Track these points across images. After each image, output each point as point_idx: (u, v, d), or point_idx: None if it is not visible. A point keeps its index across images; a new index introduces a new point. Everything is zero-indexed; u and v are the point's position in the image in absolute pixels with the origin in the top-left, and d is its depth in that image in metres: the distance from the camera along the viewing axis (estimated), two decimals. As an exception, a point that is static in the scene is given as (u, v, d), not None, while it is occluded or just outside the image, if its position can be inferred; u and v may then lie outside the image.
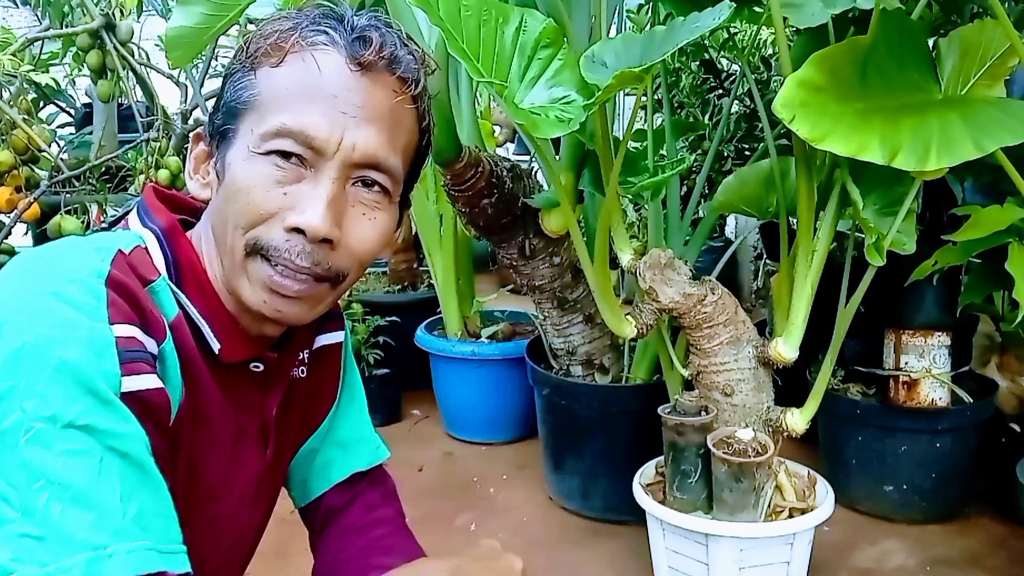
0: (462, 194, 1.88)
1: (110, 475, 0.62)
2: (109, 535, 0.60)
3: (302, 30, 0.75)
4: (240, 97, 0.76)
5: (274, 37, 0.76)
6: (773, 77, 2.70)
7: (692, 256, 1.91)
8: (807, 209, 1.50)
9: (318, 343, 0.93)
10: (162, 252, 0.77)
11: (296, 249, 0.74)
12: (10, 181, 2.41)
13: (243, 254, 0.75)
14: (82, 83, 4.04)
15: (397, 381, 2.72)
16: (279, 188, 0.74)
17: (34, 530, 0.59)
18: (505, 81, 1.39)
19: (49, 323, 0.64)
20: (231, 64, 0.79)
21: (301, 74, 0.74)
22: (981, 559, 1.94)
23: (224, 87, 0.79)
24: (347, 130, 0.74)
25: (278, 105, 0.74)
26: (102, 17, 2.65)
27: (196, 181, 0.81)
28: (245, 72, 0.77)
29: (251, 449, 0.84)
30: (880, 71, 1.35)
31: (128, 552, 0.61)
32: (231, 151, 0.76)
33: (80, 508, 0.60)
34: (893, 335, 2.01)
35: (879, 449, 2.05)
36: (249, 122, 0.75)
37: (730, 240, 3.68)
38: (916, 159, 1.20)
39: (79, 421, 0.62)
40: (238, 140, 0.76)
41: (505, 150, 4.68)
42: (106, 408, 0.63)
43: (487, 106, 3.31)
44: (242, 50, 0.78)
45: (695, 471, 1.61)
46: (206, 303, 0.78)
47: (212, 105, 0.82)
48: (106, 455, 0.62)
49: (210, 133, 0.80)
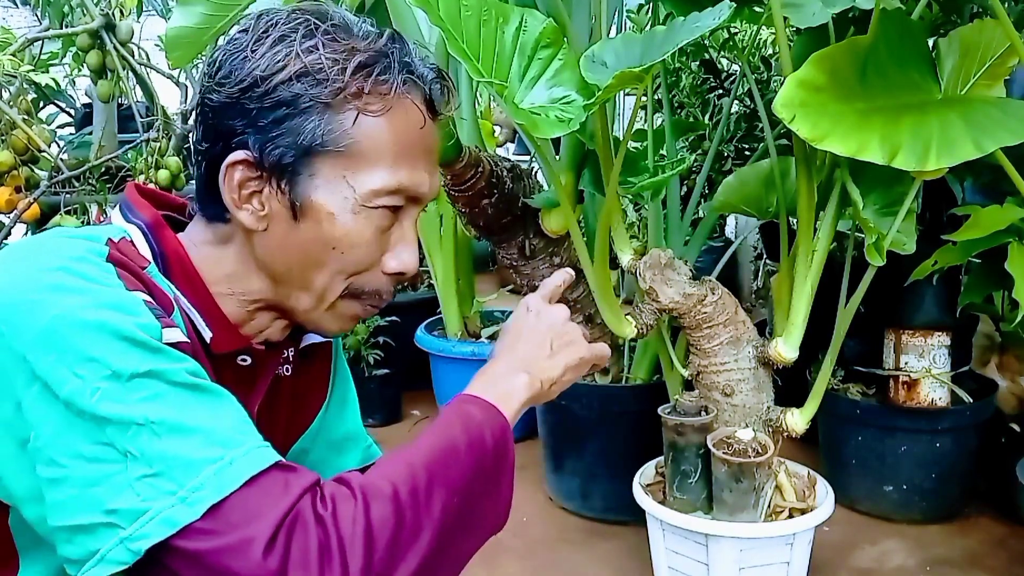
0: (462, 194, 1.88)
1: (191, 404, 0.65)
2: (221, 447, 0.63)
3: (394, 74, 0.75)
4: (330, 140, 0.73)
5: (369, 81, 0.73)
6: (773, 77, 2.70)
7: (692, 256, 1.91)
8: (807, 209, 1.50)
9: (306, 341, 0.93)
10: (148, 245, 0.77)
11: (390, 289, 0.81)
12: (10, 181, 2.41)
13: (339, 296, 0.79)
14: (82, 83, 4.04)
15: (397, 381, 2.72)
16: (383, 236, 0.78)
17: (148, 469, 0.62)
18: (505, 81, 1.39)
19: (70, 294, 0.65)
20: (297, 94, 0.72)
21: (405, 128, 0.75)
22: (981, 559, 1.94)
23: (289, 117, 0.73)
24: (433, 179, 0.79)
25: (385, 159, 0.75)
26: (102, 17, 2.65)
27: (252, 213, 0.76)
28: (334, 112, 0.73)
29: None
30: (880, 71, 1.35)
31: (245, 455, 0.64)
32: (318, 195, 0.74)
33: (182, 435, 0.63)
34: (893, 335, 2.01)
35: (879, 449, 2.05)
36: (340, 168, 0.74)
37: (730, 240, 3.68)
38: (916, 159, 1.20)
39: (140, 369, 0.64)
40: (328, 184, 0.74)
41: (505, 150, 4.68)
42: (158, 354, 0.66)
43: (487, 106, 3.31)
44: (308, 77, 0.72)
45: (695, 471, 1.61)
46: (195, 294, 0.78)
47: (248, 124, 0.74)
48: (177, 390, 0.65)
49: (268, 165, 0.74)
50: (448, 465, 0.70)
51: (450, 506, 0.69)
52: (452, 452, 0.71)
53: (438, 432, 0.74)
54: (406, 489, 0.66)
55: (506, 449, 0.76)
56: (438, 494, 0.68)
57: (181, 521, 0.60)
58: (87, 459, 0.62)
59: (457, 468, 0.71)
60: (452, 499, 0.69)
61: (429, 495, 0.67)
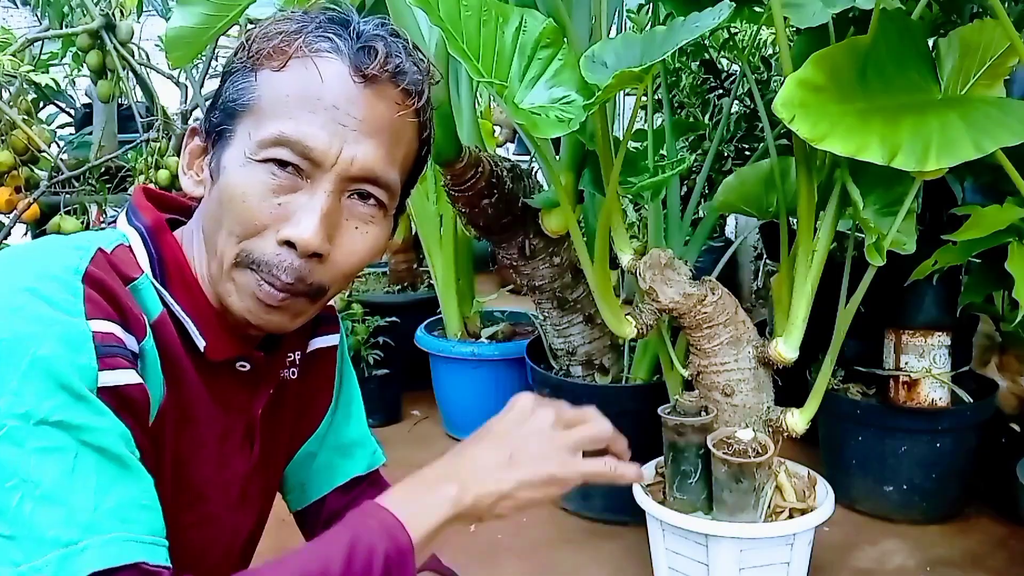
0: (462, 194, 1.88)
1: (85, 470, 0.62)
2: (80, 530, 0.60)
3: (307, 34, 0.74)
4: (239, 98, 0.75)
5: (277, 39, 0.74)
6: (773, 77, 2.70)
7: (692, 256, 1.91)
8: (807, 209, 1.50)
9: (312, 346, 0.93)
10: (146, 250, 0.76)
11: (284, 264, 0.73)
12: (10, 181, 2.41)
13: (232, 263, 0.74)
14: (82, 83, 4.04)
15: (397, 381, 2.72)
16: (274, 198, 0.73)
17: (6, 530, 0.59)
18: (505, 81, 1.39)
19: (24, 320, 0.64)
20: (231, 62, 0.77)
21: (303, 82, 0.73)
22: (981, 559, 1.93)
23: (223, 85, 0.77)
24: (346, 143, 0.73)
25: (278, 112, 0.73)
26: (102, 17, 2.65)
27: (190, 177, 0.80)
28: (246, 72, 0.75)
29: (237, 450, 0.84)
30: (880, 71, 1.35)
31: (102, 545, 0.61)
32: (227, 153, 0.75)
33: (51, 505, 0.60)
34: (893, 335, 2.01)
35: (879, 449, 2.05)
36: (247, 125, 0.74)
37: (730, 240, 3.67)
38: (916, 159, 1.20)
39: (52, 417, 0.62)
40: (235, 143, 0.75)
41: (505, 150, 4.69)
42: (80, 403, 0.63)
43: (487, 106, 3.31)
44: (243, 48, 0.76)
45: (695, 471, 1.61)
46: (192, 301, 0.77)
47: (210, 101, 0.80)
48: (81, 450, 0.62)
49: (206, 130, 0.78)
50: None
51: None
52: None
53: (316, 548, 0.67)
54: None
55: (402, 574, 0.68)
56: None
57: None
58: None
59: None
60: None
61: None
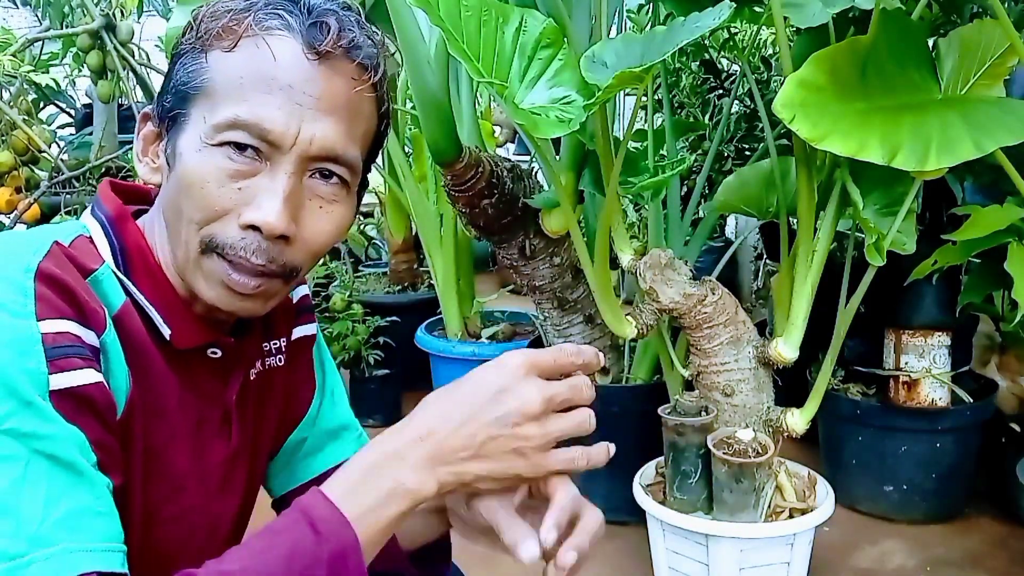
0: (462, 194, 1.88)
1: (35, 479, 0.60)
2: (27, 543, 0.59)
3: (256, 12, 0.72)
4: (191, 81, 0.73)
5: (226, 19, 0.72)
6: (773, 77, 2.70)
7: (692, 256, 1.91)
8: (807, 209, 1.50)
9: (296, 334, 0.93)
10: (107, 240, 0.75)
11: (252, 247, 0.72)
12: (10, 182, 2.41)
13: (198, 250, 0.73)
14: (82, 83, 4.04)
15: (397, 382, 2.72)
16: (233, 183, 0.71)
17: None
18: (505, 81, 1.39)
19: None
20: (179, 43, 0.75)
21: (256, 62, 0.71)
22: (981, 559, 1.94)
23: (173, 67, 0.75)
24: (304, 122, 0.72)
25: (231, 94, 0.71)
26: (102, 17, 2.65)
27: (146, 164, 0.79)
28: (195, 54, 0.73)
29: (214, 437, 0.83)
30: (880, 71, 1.35)
31: (47, 558, 0.59)
32: (182, 138, 0.73)
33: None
34: (893, 335, 2.01)
35: (879, 449, 2.05)
36: (201, 109, 0.72)
37: (730, 240, 3.68)
38: (916, 159, 1.20)
39: (1, 425, 0.60)
40: (189, 127, 0.73)
41: (505, 150, 4.69)
42: (29, 410, 0.62)
43: (487, 106, 3.31)
44: (191, 28, 0.74)
45: (695, 471, 1.61)
46: (156, 289, 0.76)
47: (160, 84, 0.78)
48: (32, 458, 0.61)
49: (159, 115, 0.76)
50: None
51: None
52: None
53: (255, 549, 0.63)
54: None
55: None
56: None
57: None
58: None
59: None
60: None
61: None
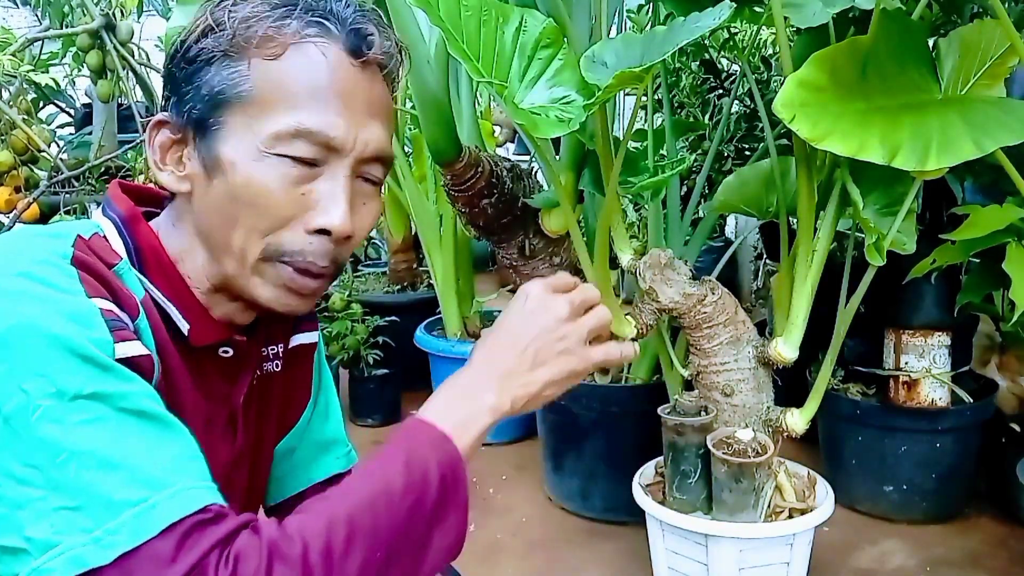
0: (462, 194, 1.88)
1: (130, 434, 0.63)
2: (146, 488, 0.61)
3: (296, 19, 0.73)
4: (228, 88, 0.73)
5: (263, 25, 0.73)
6: (773, 77, 2.70)
7: (692, 256, 1.91)
8: (807, 209, 1.50)
9: (295, 341, 0.94)
10: (121, 239, 0.76)
11: (320, 251, 0.75)
12: (9, 181, 2.41)
13: (258, 258, 0.74)
14: (82, 83, 4.04)
15: (396, 381, 2.72)
16: (296, 189, 0.73)
17: (69, 502, 0.60)
18: (505, 81, 1.39)
19: (29, 302, 0.64)
20: (198, 48, 0.74)
21: (307, 69, 0.73)
22: (981, 559, 1.94)
23: (196, 72, 0.74)
24: (360, 128, 0.75)
25: (286, 102, 0.72)
26: (102, 17, 2.65)
27: (169, 173, 0.77)
28: (231, 61, 0.73)
29: (220, 438, 0.84)
30: (880, 71, 1.35)
31: (170, 498, 0.61)
32: (226, 147, 0.73)
33: (110, 471, 0.61)
34: (893, 335, 2.01)
35: (879, 449, 2.05)
36: (243, 116, 0.73)
37: (730, 240, 3.68)
38: (916, 159, 1.20)
39: (85, 390, 0.62)
40: (233, 136, 0.73)
41: (505, 150, 4.68)
42: (107, 373, 0.64)
43: (487, 106, 3.31)
44: (216, 32, 0.73)
45: (695, 471, 1.61)
46: (171, 287, 0.77)
47: (172, 89, 0.76)
48: (120, 417, 0.63)
49: (182, 122, 0.76)
50: (376, 514, 0.65)
51: (371, 561, 0.64)
52: (383, 497, 0.66)
53: (374, 470, 0.68)
54: (318, 547, 0.62)
55: (456, 486, 0.70)
56: (357, 550, 0.63)
57: (90, 563, 0.58)
58: (17, 480, 0.60)
59: (387, 516, 0.65)
60: (374, 554, 0.64)
61: (345, 554, 0.63)
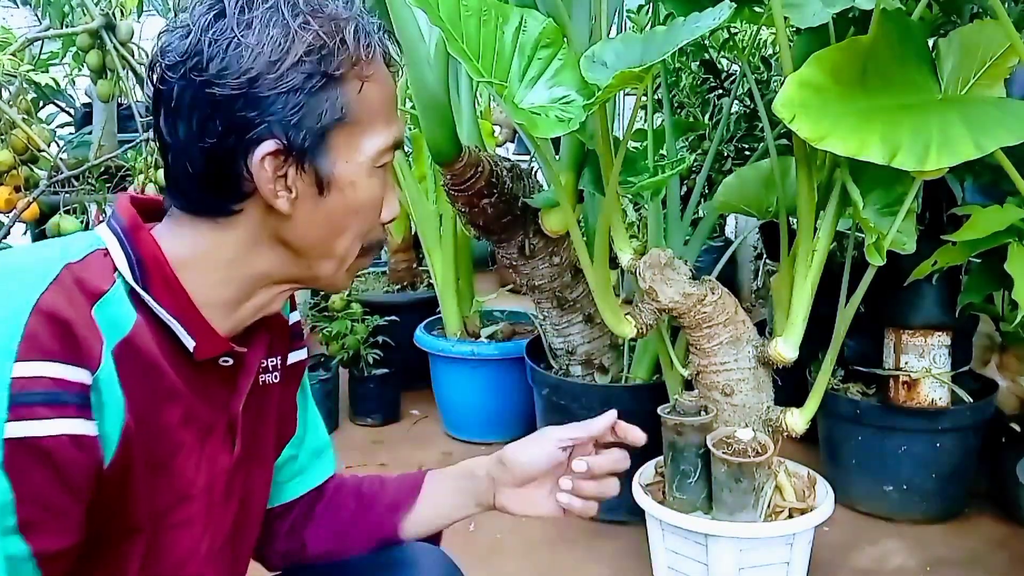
0: (462, 194, 1.88)
1: None
2: None
3: (369, 35, 0.79)
4: (333, 114, 0.76)
5: (345, 50, 0.76)
6: (773, 77, 2.70)
7: (692, 256, 1.91)
8: (807, 209, 1.50)
9: (292, 359, 0.96)
10: (124, 253, 0.76)
11: (385, 237, 0.89)
12: (9, 181, 2.41)
13: (356, 256, 0.84)
14: (82, 83, 4.03)
15: (396, 381, 2.72)
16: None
17: None
18: (505, 81, 1.39)
19: None
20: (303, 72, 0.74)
21: (385, 86, 0.81)
22: (981, 559, 1.94)
23: (303, 99, 0.74)
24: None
25: (382, 118, 0.80)
26: (102, 17, 2.64)
27: (283, 198, 0.77)
28: (328, 88, 0.75)
29: (219, 446, 0.84)
30: (880, 71, 1.35)
31: None
32: (338, 167, 0.78)
33: None
34: (893, 335, 2.01)
35: (879, 449, 2.05)
36: (343, 136, 0.77)
37: (730, 240, 3.68)
38: (916, 159, 1.20)
39: None
40: (342, 156, 0.78)
41: (505, 150, 4.68)
42: None
43: (487, 106, 3.31)
44: (305, 63, 0.74)
45: (695, 471, 1.61)
46: (175, 301, 0.77)
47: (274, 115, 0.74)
48: None
49: (296, 150, 0.75)
50: None
51: None
52: None
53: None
54: None
55: None
56: None
57: None
58: None
59: None
60: None
61: None
